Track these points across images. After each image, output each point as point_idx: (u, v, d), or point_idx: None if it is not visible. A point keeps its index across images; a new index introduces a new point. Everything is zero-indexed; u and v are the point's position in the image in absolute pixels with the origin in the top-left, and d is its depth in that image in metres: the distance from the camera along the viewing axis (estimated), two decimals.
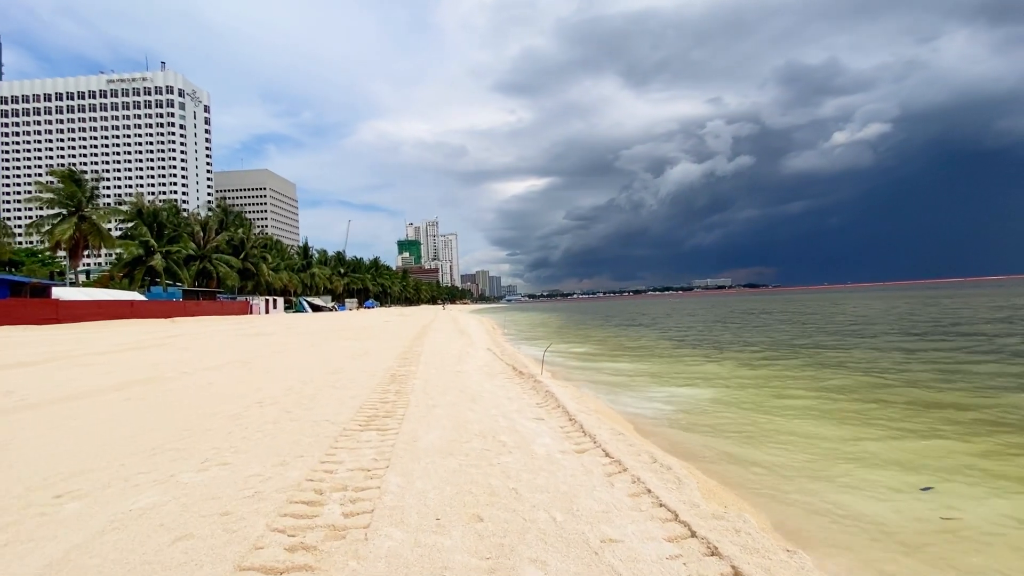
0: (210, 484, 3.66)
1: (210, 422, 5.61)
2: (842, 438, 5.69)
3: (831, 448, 5.36)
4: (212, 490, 3.54)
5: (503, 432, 5.21)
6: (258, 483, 3.68)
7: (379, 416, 5.90)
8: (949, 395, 7.66)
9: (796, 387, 8.66)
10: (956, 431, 5.84)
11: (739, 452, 5.27)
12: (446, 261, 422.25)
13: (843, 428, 6.10)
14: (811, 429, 6.09)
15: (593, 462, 4.27)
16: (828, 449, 5.34)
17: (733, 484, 4.32)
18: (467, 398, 7.03)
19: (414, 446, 4.65)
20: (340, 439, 4.89)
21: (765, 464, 4.89)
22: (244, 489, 3.56)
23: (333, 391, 7.48)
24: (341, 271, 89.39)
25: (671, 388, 8.86)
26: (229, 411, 6.16)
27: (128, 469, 4.05)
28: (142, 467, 4.10)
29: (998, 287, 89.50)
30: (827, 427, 6.16)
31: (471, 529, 2.96)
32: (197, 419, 5.76)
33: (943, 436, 5.68)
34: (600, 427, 5.33)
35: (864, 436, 5.74)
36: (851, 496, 4.12)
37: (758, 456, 5.14)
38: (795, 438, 5.72)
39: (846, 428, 6.10)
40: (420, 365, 10.41)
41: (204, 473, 3.91)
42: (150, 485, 3.66)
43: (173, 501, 3.33)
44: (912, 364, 10.54)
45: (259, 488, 3.57)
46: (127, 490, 3.56)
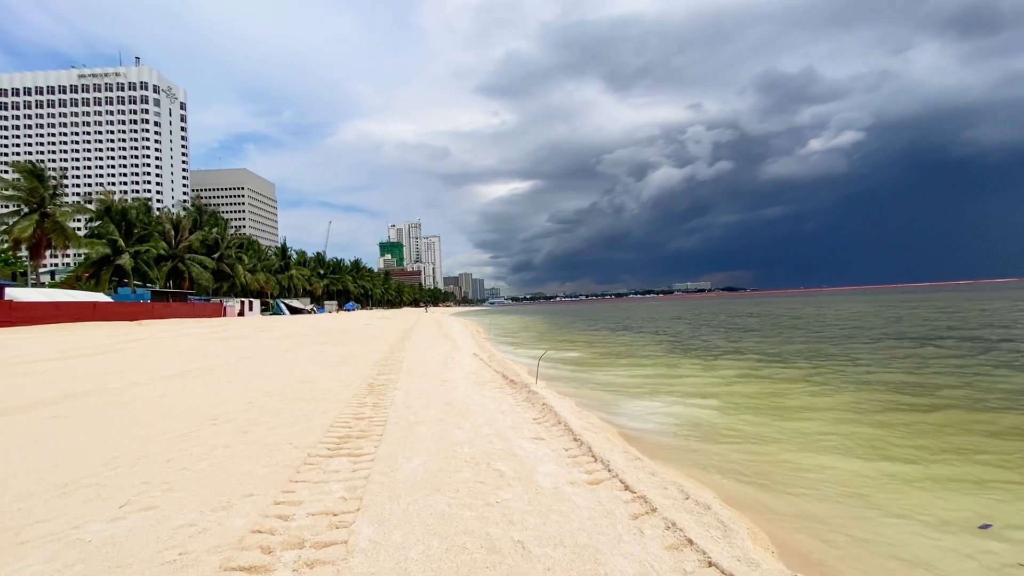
0: (122, 541, 2.80)
1: (149, 446, 4.71)
2: (877, 451, 5.05)
3: (870, 470, 4.71)
4: (121, 552, 2.68)
5: (499, 457, 4.43)
6: (187, 538, 2.83)
7: (352, 437, 5.07)
8: (983, 413, 7.12)
9: (808, 400, 8.05)
10: (998, 451, 5.25)
11: (769, 481, 4.57)
12: (429, 263, 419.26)
13: (875, 445, 5.47)
14: (838, 449, 5.44)
15: (612, 498, 3.51)
16: (866, 471, 4.68)
17: (782, 527, 3.61)
18: (455, 412, 6.22)
19: (393, 478, 3.84)
20: (303, 469, 4.05)
21: (800, 503, 4.20)
22: (166, 548, 2.71)
23: (302, 405, 6.60)
24: (321, 272, 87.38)
25: (673, 399, 8.17)
26: (175, 431, 5.24)
27: (23, 516, 3.16)
28: (42, 513, 3.21)
29: (967, 290, 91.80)
30: (855, 442, 5.52)
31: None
32: (134, 442, 4.84)
33: (983, 460, 5.08)
34: (612, 449, 4.58)
35: (900, 455, 5.11)
36: (903, 535, 3.44)
37: (790, 490, 4.44)
38: (827, 469, 5.05)
39: (876, 444, 5.46)
40: (402, 373, 9.56)
41: (119, 523, 3.04)
42: (41, 544, 2.79)
43: (59, 574, 2.47)
44: (925, 372, 10.06)
45: (186, 547, 2.73)
46: (4, 554, 2.68)
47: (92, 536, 2.86)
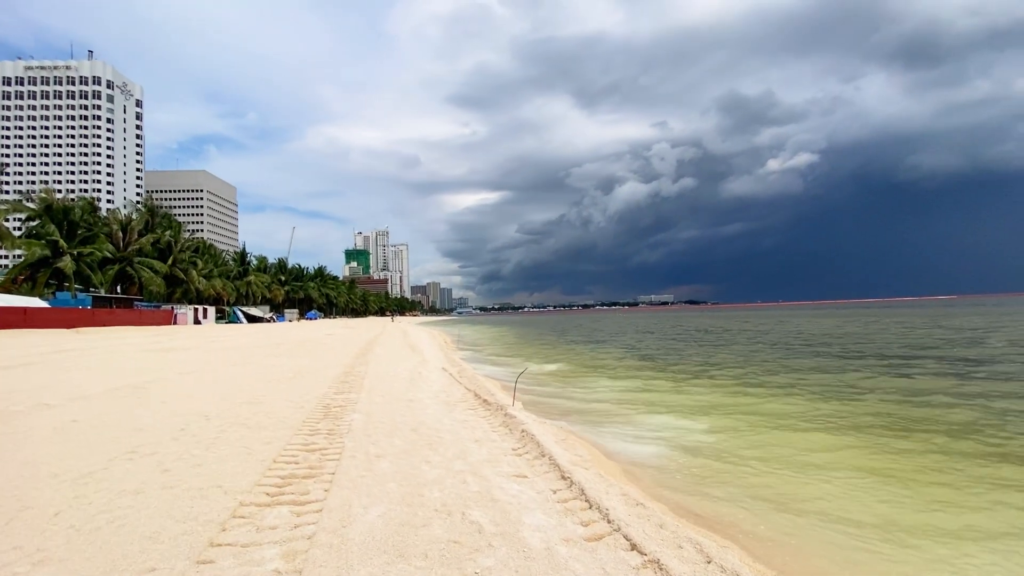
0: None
1: (35, 493, 3.76)
2: (878, 473, 4.59)
3: (884, 500, 4.22)
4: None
5: (475, 503, 3.71)
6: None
7: (298, 476, 4.24)
8: (987, 433, 6.84)
9: (796, 419, 7.65)
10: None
11: (788, 525, 4.00)
12: (396, 272, 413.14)
13: (888, 468, 5.02)
14: (841, 476, 4.97)
15: (618, 562, 2.85)
16: (879, 502, 4.19)
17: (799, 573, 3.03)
18: (423, 442, 5.45)
19: (344, 537, 3.07)
20: (230, 525, 3.22)
21: (833, 533, 3.65)
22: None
23: (243, 432, 5.68)
24: (282, 279, 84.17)
25: (661, 420, 7.62)
26: (77, 470, 4.28)
27: None
28: None
29: (910, 307, 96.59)
30: (833, 457, 5.06)
31: None
32: (17, 487, 3.87)
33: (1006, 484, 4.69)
34: (608, 492, 3.92)
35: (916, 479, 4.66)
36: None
37: (814, 524, 3.89)
38: (839, 500, 4.54)
39: (889, 466, 5.02)
40: (363, 392, 8.68)
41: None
42: None
43: None
44: (907, 391, 9.89)
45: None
46: None
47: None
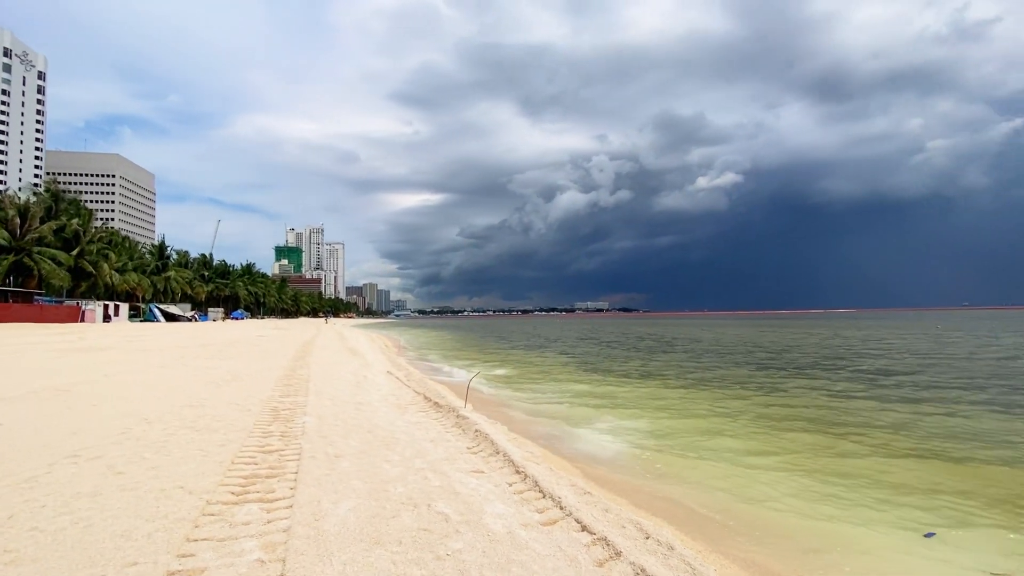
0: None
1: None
2: (798, 466, 5.38)
3: (803, 484, 4.97)
4: None
5: (439, 496, 4.01)
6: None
7: (260, 476, 4.34)
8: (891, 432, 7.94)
9: (726, 418, 8.52)
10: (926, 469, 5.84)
11: (710, 505, 4.62)
12: (331, 271, 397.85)
13: (794, 461, 5.84)
14: (755, 459, 5.73)
15: (571, 541, 3.27)
16: (798, 485, 4.93)
17: (726, 548, 3.60)
18: (379, 443, 5.65)
19: (319, 529, 3.28)
20: (203, 522, 3.33)
21: (757, 517, 4.28)
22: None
23: (192, 435, 5.61)
24: (206, 275, 78.90)
25: (604, 421, 8.22)
26: (17, 475, 4.13)
27: None
28: None
29: (822, 318, 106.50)
30: (777, 456, 5.85)
31: None
32: None
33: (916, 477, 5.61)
34: (559, 483, 4.35)
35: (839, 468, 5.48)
36: (862, 545, 3.61)
37: (739, 508, 4.53)
38: (757, 482, 5.26)
39: (796, 459, 5.84)
40: (310, 395, 8.63)
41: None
42: None
43: None
44: (841, 397, 11.12)
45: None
46: None
47: None
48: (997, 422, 8.01)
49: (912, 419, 8.28)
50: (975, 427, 7.70)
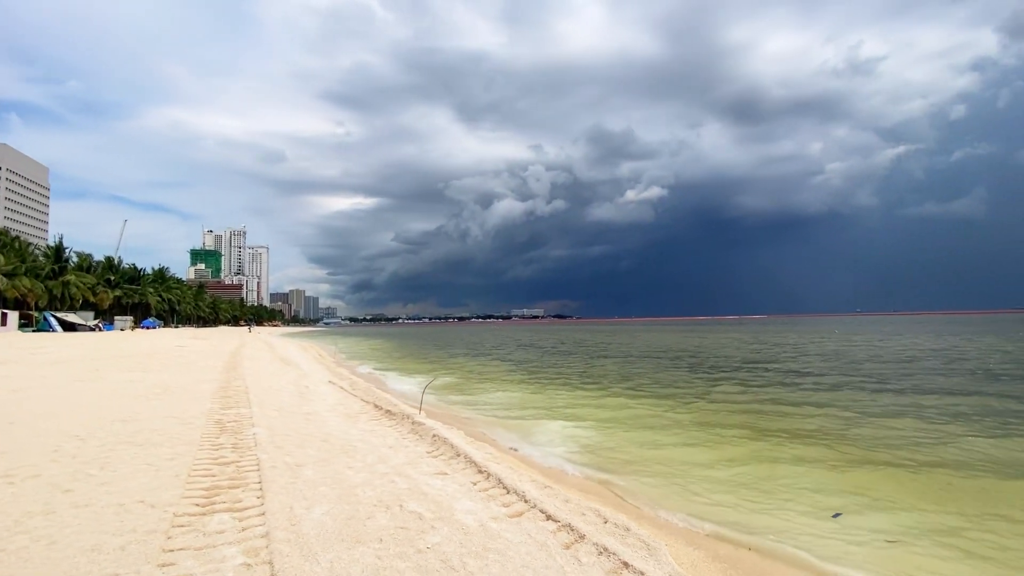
0: None
1: None
2: (736, 461, 6.05)
3: (734, 472, 5.61)
4: None
5: (409, 497, 4.20)
6: None
7: (223, 487, 4.31)
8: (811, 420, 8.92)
9: (664, 417, 9.22)
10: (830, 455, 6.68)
11: (654, 495, 5.13)
12: (253, 277, 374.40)
13: (723, 449, 6.53)
14: (693, 454, 6.37)
15: (539, 529, 3.60)
16: (735, 477, 5.56)
17: (690, 540, 4.08)
18: (338, 451, 5.69)
19: (298, 532, 3.38)
20: (175, 533, 3.32)
21: (694, 504, 4.82)
22: None
23: (134, 451, 5.37)
24: (112, 280, 71.89)
25: (554, 424, 8.64)
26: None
27: None
28: None
29: (738, 324, 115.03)
30: (712, 451, 6.52)
31: None
32: None
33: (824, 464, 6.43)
34: (521, 479, 4.67)
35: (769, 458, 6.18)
36: (780, 523, 4.22)
37: (680, 496, 5.06)
38: (705, 476, 5.86)
39: (726, 448, 6.53)
40: (253, 407, 8.37)
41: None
42: None
43: None
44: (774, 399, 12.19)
45: None
46: None
47: None
48: (899, 417, 9.26)
49: (824, 415, 9.38)
50: (880, 421, 8.86)
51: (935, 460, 6.37)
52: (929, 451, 6.76)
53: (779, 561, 3.75)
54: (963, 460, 6.36)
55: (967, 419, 8.72)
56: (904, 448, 6.92)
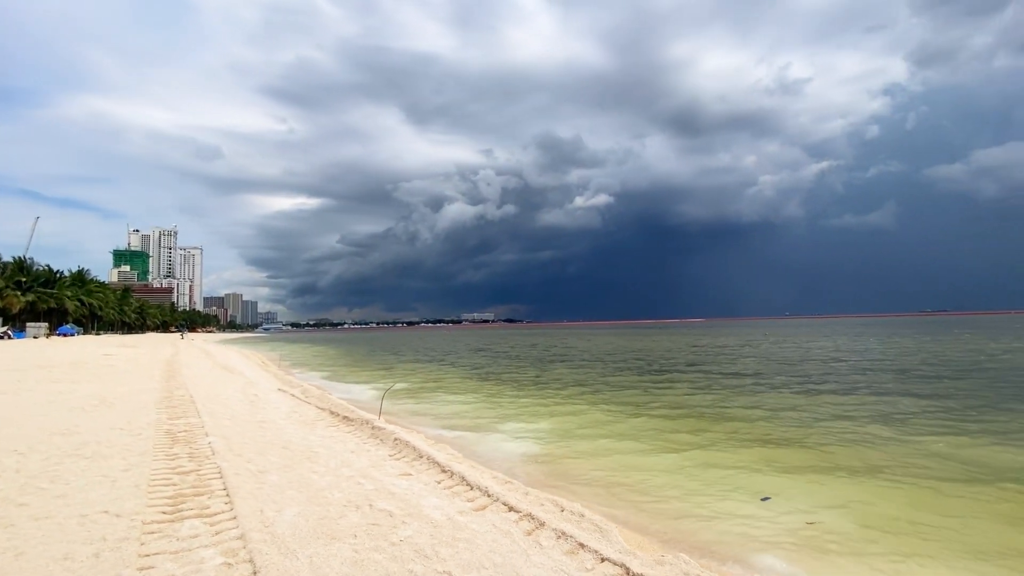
0: None
1: None
2: (677, 451, 6.60)
3: (673, 467, 6.15)
4: None
5: (377, 497, 4.40)
6: None
7: (187, 495, 4.34)
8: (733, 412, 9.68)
9: (614, 415, 9.77)
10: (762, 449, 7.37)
11: (604, 487, 5.57)
12: (185, 280, 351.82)
13: (659, 441, 7.10)
14: (639, 449, 6.90)
15: (503, 520, 3.92)
16: (670, 468, 6.10)
17: (636, 521, 4.51)
18: (300, 456, 5.77)
19: (273, 532, 3.53)
20: (148, 539, 3.38)
21: (642, 493, 5.28)
22: None
23: (84, 463, 5.22)
24: (22, 283, 65.62)
25: (510, 425, 8.97)
26: None
27: None
28: None
29: (680, 327, 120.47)
30: (656, 446, 7.07)
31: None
32: None
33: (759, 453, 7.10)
34: (483, 476, 4.98)
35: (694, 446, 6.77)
36: (712, 505, 4.75)
37: (629, 487, 5.52)
38: (645, 470, 6.36)
39: (660, 441, 7.11)
40: (203, 416, 8.18)
41: None
42: None
43: None
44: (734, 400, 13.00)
45: None
46: None
47: None
48: (826, 410, 10.23)
49: (758, 410, 10.27)
50: (809, 416, 9.78)
51: (852, 451, 7.20)
52: (846, 443, 7.63)
53: (713, 538, 4.26)
54: (876, 450, 7.24)
55: (882, 414, 9.83)
56: (825, 441, 7.76)
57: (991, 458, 6.67)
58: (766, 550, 4.09)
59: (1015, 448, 7.07)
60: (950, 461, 6.54)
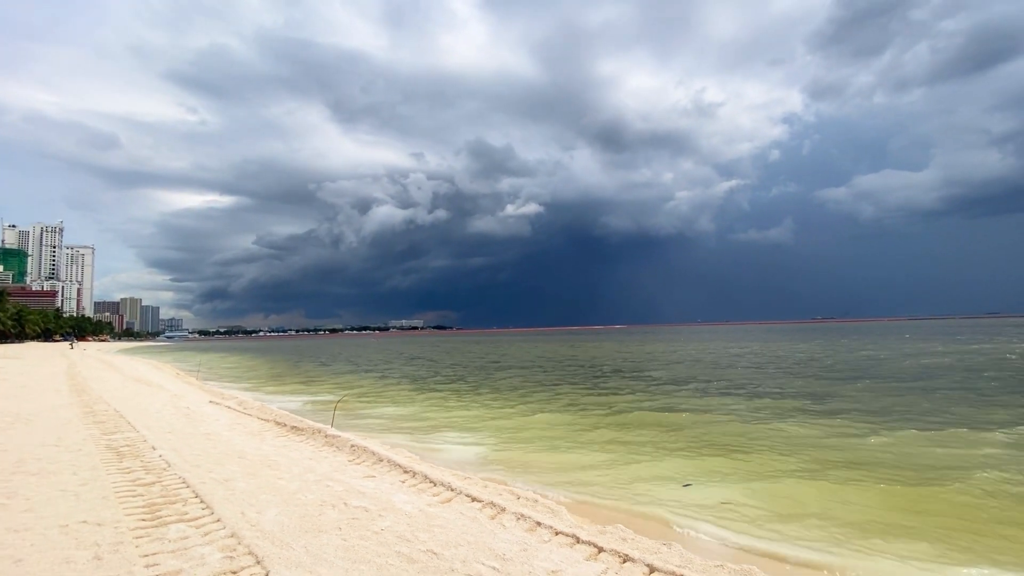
0: None
1: None
2: (598, 445, 7.48)
3: (601, 458, 7.01)
4: None
5: (348, 496, 4.83)
6: None
7: (160, 504, 4.52)
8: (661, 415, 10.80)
9: (553, 415, 10.58)
10: (679, 440, 8.43)
11: (547, 476, 6.31)
12: (73, 282, 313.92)
13: (584, 435, 7.98)
14: (576, 446, 7.73)
15: (469, 508, 4.52)
16: (598, 459, 6.96)
17: (578, 503, 5.26)
18: (260, 464, 5.99)
19: (262, 530, 3.89)
20: (141, 543, 3.63)
21: (583, 484, 6.06)
22: None
23: (33, 480, 5.14)
24: None
25: (455, 432, 9.50)
26: None
27: None
28: None
29: (604, 333, 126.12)
30: (590, 441, 7.94)
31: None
32: None
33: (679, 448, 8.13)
34: (443, 474, 5.53)
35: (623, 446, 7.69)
36: (640, 488, 5.62)
37: (571, 480, 6.29)
38: (582, 463, 7.18)
39: (597, 440, 8.00)
40: (139, 430, 7.98)
41: None
42: None
43: None
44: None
45: None
46: None
47: None
48: (746, 410, 11.66)
49: (683, 411, 11.53)
50: (730, 416, 11.12)
51: (760, 444, 8.46)
52: (755, 438, 8.93)
53: (642, 516, 5.13)
54: (784, 442, 8.55)
55: (787, 411, 11.43)
56: (739, 435, 9.03)
57: (882, 449, 8.16)
58: (690, 524, 4.99)
59: (890, 438, 8.68)
60: (841, 451, 7.95)
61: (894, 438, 8.50)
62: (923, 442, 8.21)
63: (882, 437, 8.58)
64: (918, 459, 7.26)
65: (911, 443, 8.19)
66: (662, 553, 3.59)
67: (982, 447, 7.83)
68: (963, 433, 8.68)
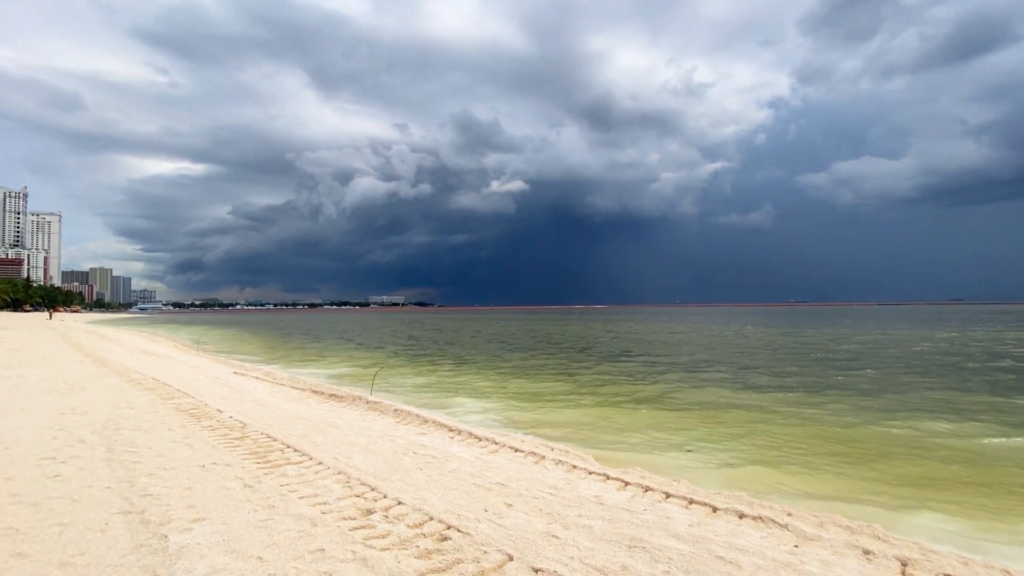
0: None
1: None
2: (603, 414, 8.68)
3: (615, 418, 8.20)
4: None
5: (414, 447, 5.89)
6: None
7: (261, 452, 5.51)
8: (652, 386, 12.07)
9: (556, 384, 11.77)
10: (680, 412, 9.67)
11: (572, 430, 7.48)
12: (39, 251, 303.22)
13: (595, 409, 9.18)
14: (585, 416, 8.92)
15: (514, 456, 5.64)
16: (613, 418, 8.15)
17: (601, 451, 6.42)
18: (322, 424, 7.00)
19: (360, 469, 4.92)
20: (266, 478, 4.63)
21: (600, 444, 7.25)
22: None
23: (142, 435, 6.07)
24: None
25: (467, 397, 10.62)
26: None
27: None
28: None
29: (587, 313, 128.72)
30: (601, 414, 9.13)
31: (534, 508, 4.01)
32: None
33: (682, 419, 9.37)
34: (485, 431, 6.63)
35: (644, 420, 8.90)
36: (643, 448, 6.82)
37: (591, 439, 7.47)
38: (591, 421, 8.37)
39: (599, 409, 9.20)
40: (197, 396, 8.88)
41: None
42: None
43: None
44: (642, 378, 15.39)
45: None
46: None
47: None
48: (733, 387, 13.00)
49: (674, 385, 12.84)
50: (718, 389, 12.45)
51: (750, 416, 9.78)
52: (744, 408, 10.25)
53: (657, 464, 6.33)
54: (775, 413, 9.88)
55: (767, 387, 12.82)
56: (734, 407, 10.34)
57: (846, 415, 9.56)
58: (691, 471, 6.18)
59: (849, 407, 10.09)
60: (808, 419, 9.32)
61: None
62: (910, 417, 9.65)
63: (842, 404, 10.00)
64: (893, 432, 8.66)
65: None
66: (674, 485, 4.77)
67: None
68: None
